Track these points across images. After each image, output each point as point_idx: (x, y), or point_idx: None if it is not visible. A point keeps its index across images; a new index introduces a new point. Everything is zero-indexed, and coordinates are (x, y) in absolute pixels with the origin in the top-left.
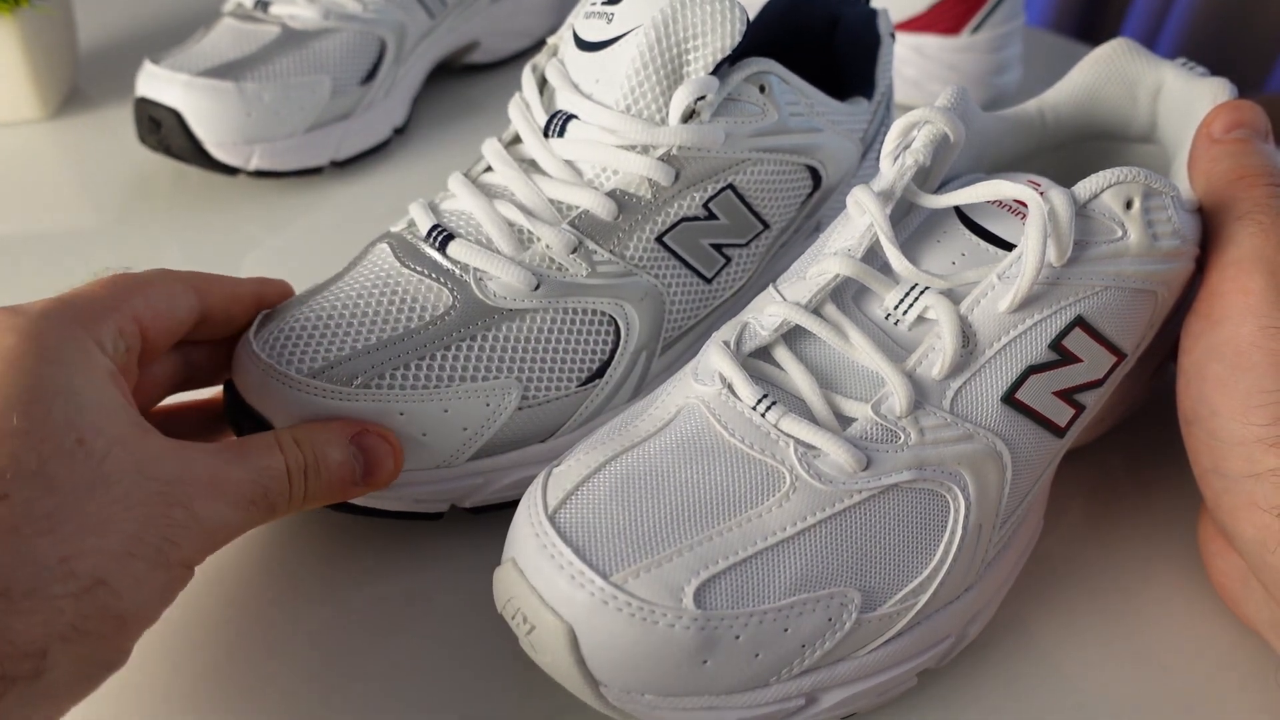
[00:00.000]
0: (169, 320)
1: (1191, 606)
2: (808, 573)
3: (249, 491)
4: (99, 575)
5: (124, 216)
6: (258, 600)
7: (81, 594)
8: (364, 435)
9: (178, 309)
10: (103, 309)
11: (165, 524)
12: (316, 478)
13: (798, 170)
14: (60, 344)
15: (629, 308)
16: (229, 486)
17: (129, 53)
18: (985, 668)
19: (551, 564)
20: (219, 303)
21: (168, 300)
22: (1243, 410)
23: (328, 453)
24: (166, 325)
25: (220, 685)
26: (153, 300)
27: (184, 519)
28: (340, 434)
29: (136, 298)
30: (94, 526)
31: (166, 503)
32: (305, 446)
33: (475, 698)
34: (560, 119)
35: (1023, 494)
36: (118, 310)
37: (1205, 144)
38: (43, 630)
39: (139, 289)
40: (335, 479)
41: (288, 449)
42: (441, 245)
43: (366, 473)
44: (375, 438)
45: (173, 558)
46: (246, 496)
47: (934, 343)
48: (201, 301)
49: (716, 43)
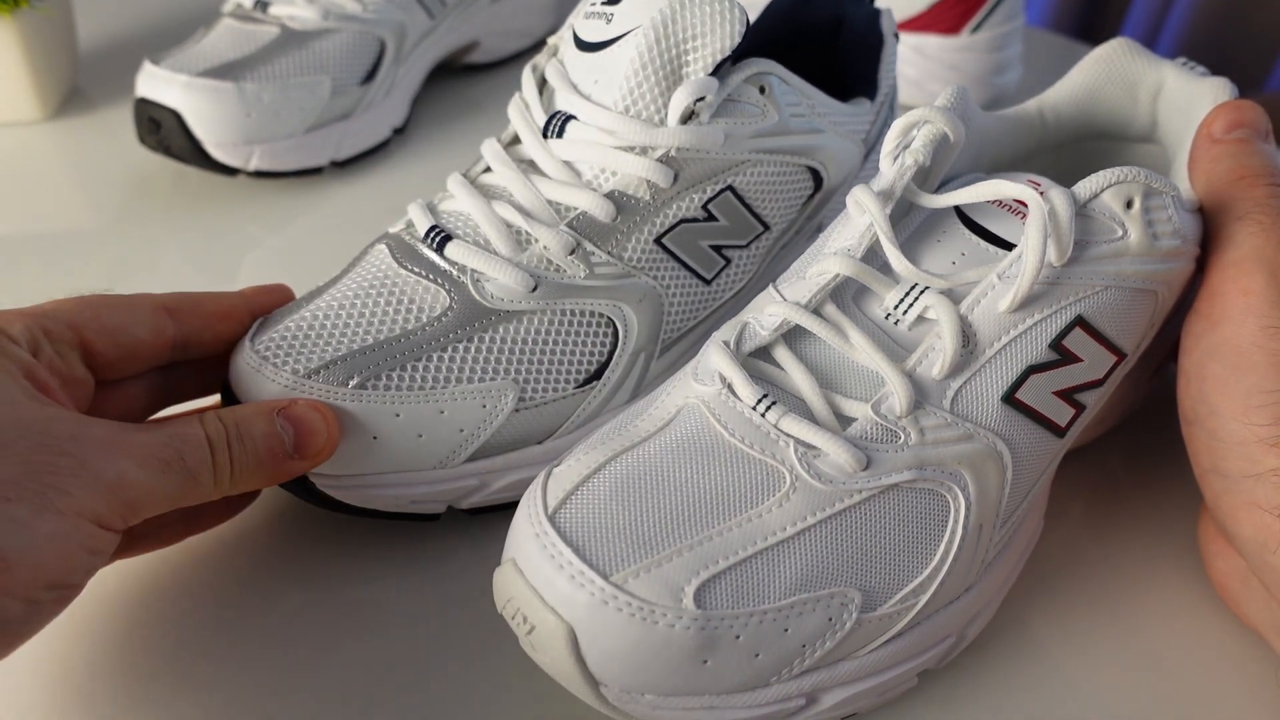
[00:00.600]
0: (121, 336)
1: (1191, 606)
2: (808, 573)
3: (159, 452)
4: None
5: (124, 217)
6: (255, 602)
7: None
8: (291, 406)
9: (134, 327)
10: (22, 314)
11: (49, 471)
12: (241, 448)
13: (798, 171)
14: None
15: (627, 309)
16: (132, 446)
17: (129, 53)
18: (985, 668)
19: (551, 564)
20: (202, 322)
21: (119, 317)
22: (1243, 410)
23: (251, 423)
24: (119, 341)
25: (217, 687)
26: (99, 314)
27: (72, 467)
28: (265, 407)
29: (81, 312)
30: None
31: (52, 453)
32: (226, 418)
33: (475, 698)
34: (559, 120)
35: (1023, 494)
36: (45, 316)
37: (1206, 144)
38: None
39: (86, 305)
40: (263, 449)
41: (207, 421)
42: (439, 246)
43: (298, 444)
44: (303, 407)
45: (64, 505)
46: (157, 457)
47: (934, 342)
48: (176, 322)
49: (716, 43)
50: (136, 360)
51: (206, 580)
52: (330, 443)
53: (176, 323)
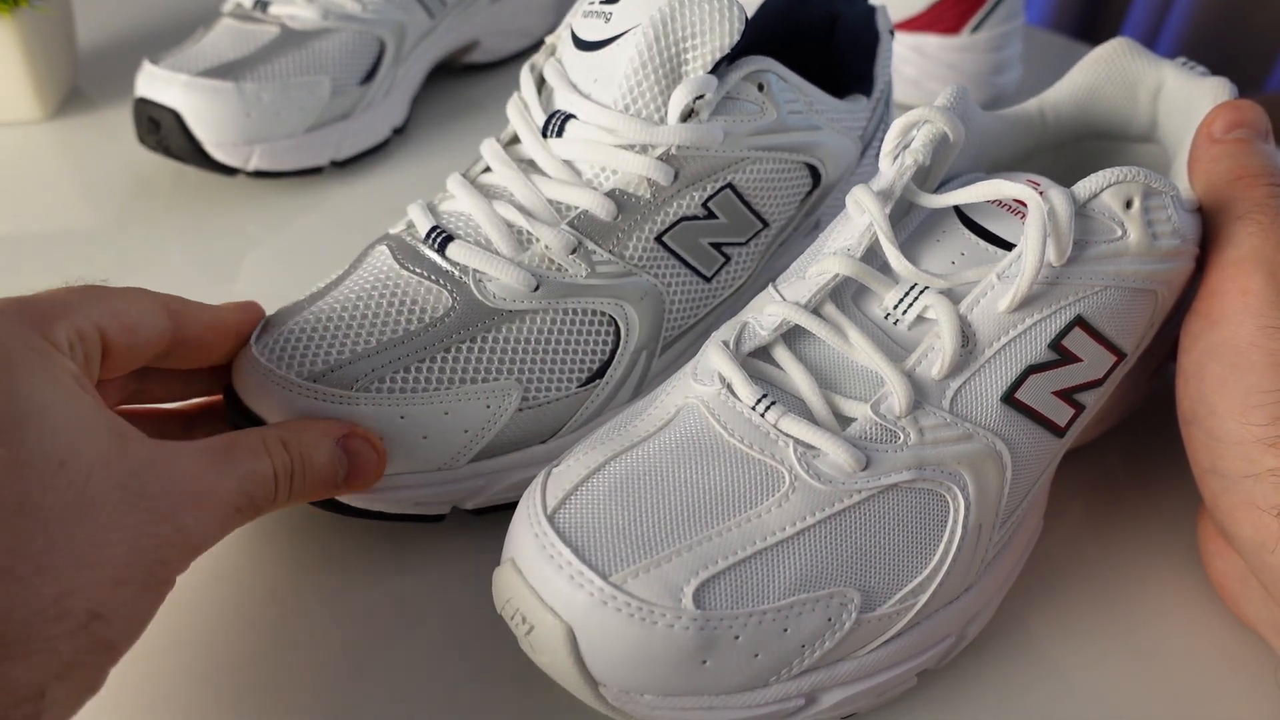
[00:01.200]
0: (135, 336)
1: (1191, 606)
2: (807, 573)
3: (234, 500)
4: (93, 609)
5: (123, 217)
6: (258, 602)
7: (77, 631)
8: (350, 439)
9: (146, 326)
10: (60, 309)
11: (153, 544)
12: (301, 479)
13: (797, 168)
14: (19, 350)
15: (629, 308)
16: (214, 498)
17: (128, 53)
18: (985, 668)
19: (550, 564)
20: (195, 329)
21: (133, 313)
22: (1241, 410)
23: (314, 455)
24: (132, 341)
25: (221, 687)
26: (119, 311)
27: (170, 535)
28: (327, 435)
29: (103, 305)
30: (86, 559)
31: (154, 521)
32: (292, 449)
33: (475, 698)
34: (559, 119)
35: (1022, 494)
36: (78, 313)
37: (1205, 143)
38: (40, 673)
39: (107, 298)
40: (318, 480)
41: (275, 453)
42: (440, 247)
43: (349, 476)
44: (361, 442)
45: (161, 577)
46: (232, 505)
47: (933, 342)
48: (174, 325)
49: (715, 41)
50: (135, 360)
51: (208, 580)
52: (377, 478)
53: (174, 328)
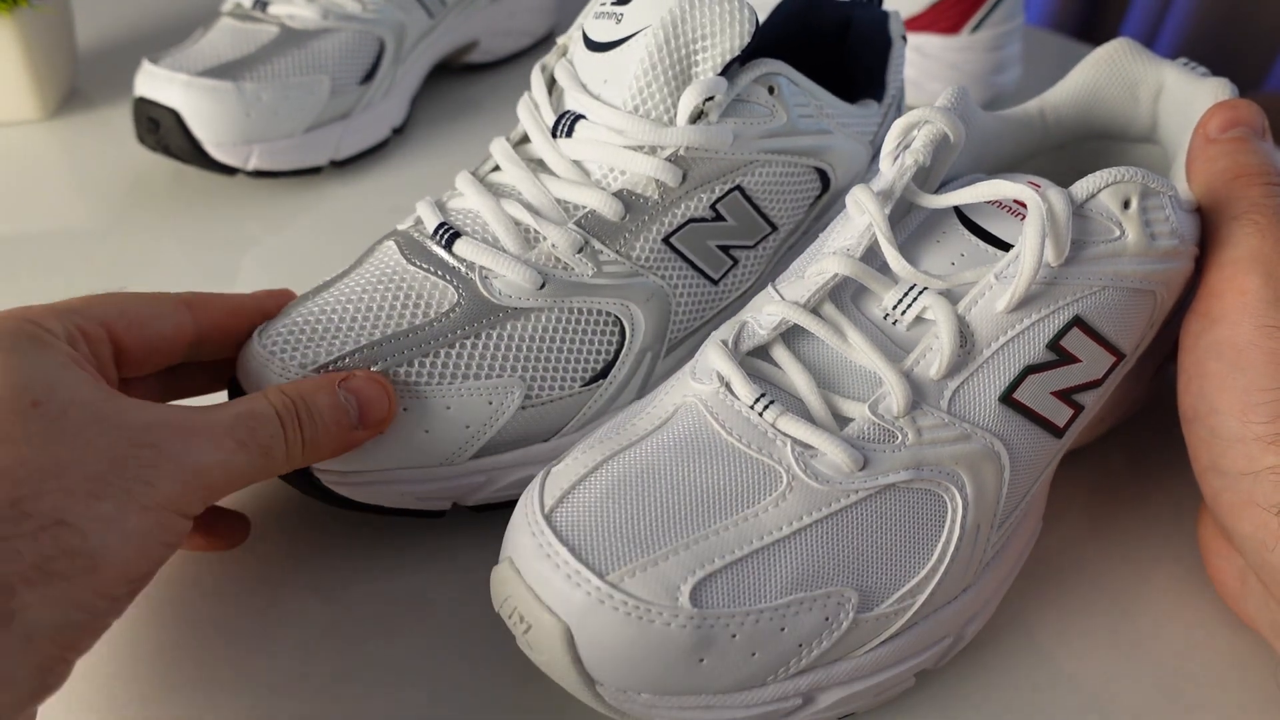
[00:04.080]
0: (147, 332)
1: (1191, 606)
2: (805, 572)
3: (232, 430)
4: (57, 516)
5: (123, 216)
6: (257, 596)
7: (38, 533)
8: (350, 378)
9: (159, 323)
10: (56, 311)
11: (133, 464)
12: (310, 421)
13: (806, 172)
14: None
15: (634, 308)
16: (206, 428)
17: (128, 53)
18: (983, 668)
19: (548, 563)
20: (217, 318)
21: (145, 312)
22: (1242, 408)
23: (316, 396)
24: (146, 336)
25: (219, 680)
26: (128, 311)
27: (154, 458)
28: (326, 380)
29: (109, 307)
30: (51, 470)
31: (133, 445)
32: (290, 391)
33: (473, 696)
34: (568, 119)
35: (1021, 494)
36: (78, 314)
37: (1202, 143)
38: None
39: (112, 300)
40: (330, 422)
41: (273, 395)
42: (448, 243)
43: (362, 415)
44: (362, 379)
45: (149, 499)
46: (231, 436)
47: (932, 343)
48: (195, 318)
49: (726, 43)
50: (159, 357)
51: (210, 575)
52: (390, 412)
53: (195, 320)
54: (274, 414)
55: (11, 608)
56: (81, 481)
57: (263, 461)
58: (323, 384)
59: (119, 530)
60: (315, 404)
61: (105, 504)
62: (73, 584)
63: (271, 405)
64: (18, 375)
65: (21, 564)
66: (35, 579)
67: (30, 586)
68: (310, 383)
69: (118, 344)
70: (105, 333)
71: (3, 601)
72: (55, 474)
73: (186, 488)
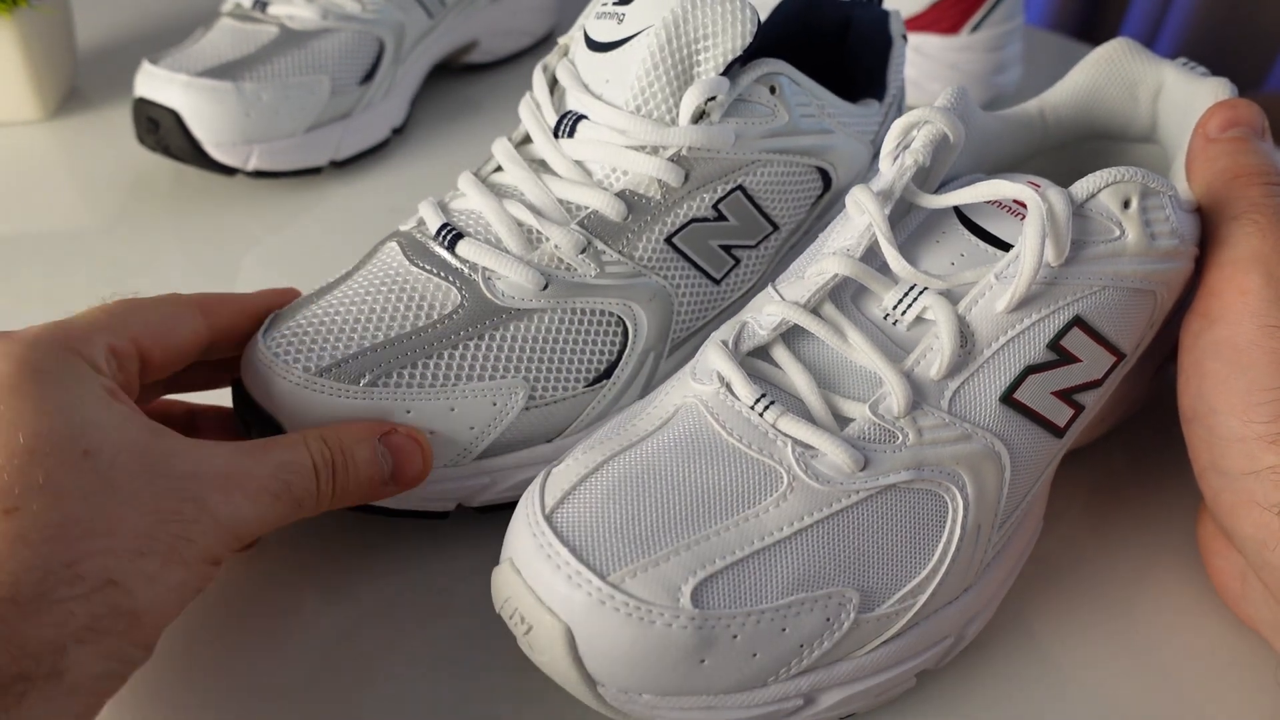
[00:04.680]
0: (170, 341)
1: (1191, 606)
2: (805, 573)
3: (270, 485)
4: (108, 576)
5: (123, 217)
6: (261, 597)
7: (90, 594)
8: (392, 435)
9: (180, 331)
10: (93, 331)
11: (177, 520)
12: (345, 475)
13: (808, 172)
14: (52, 365)
15: (637, 308)
16: (246, 481)
17: (128, 53)
18: (984, 668)
19: (549, 564)
20: (228, 320)
21: (169, 322)
22: (1242, 408)
23: (355, 450)
24: (168, 345)
25: (223, 681)
26: (152, 322)
27: (195, 514)
28: (367, 432)
29: (134, 319)
30: (102, 529)
31: (178, 499)
32: (331, 443)
33: (475, 696)
34: (570, 119)
35: (1021, 494)
36: (110, 331)
37: (1201, 143)
38: (55, 632)
39: (137, 311)
40: (364, 477)
41: (313, 445)
42: (450, 244)
43: (396, 472)
44: (403, 437)
45: (188, 554)
46: (268, 490)
47: (932, 343)
48: (209, 321)
49: (727, 43)
50: (176, 364)
51: None
52: (425, 472)
53: (209, 324)
54: (312, 467)
55: (63, 666)
56: (130, 539)
57: (294, 512)
58: (363, 435)
59: (161, 585)
60: (353, 457)
61: (150, 561)
62: (117, 639)
63: (311, 457)
64: (68, 418)
65: (75, 625)
66: (85, 638)
67: (80, 645)
68: (352, 433)
69: (143, 356)
70: (135, 349)
71: (55, 660)
72: (105, 533)
73: (222, 542)
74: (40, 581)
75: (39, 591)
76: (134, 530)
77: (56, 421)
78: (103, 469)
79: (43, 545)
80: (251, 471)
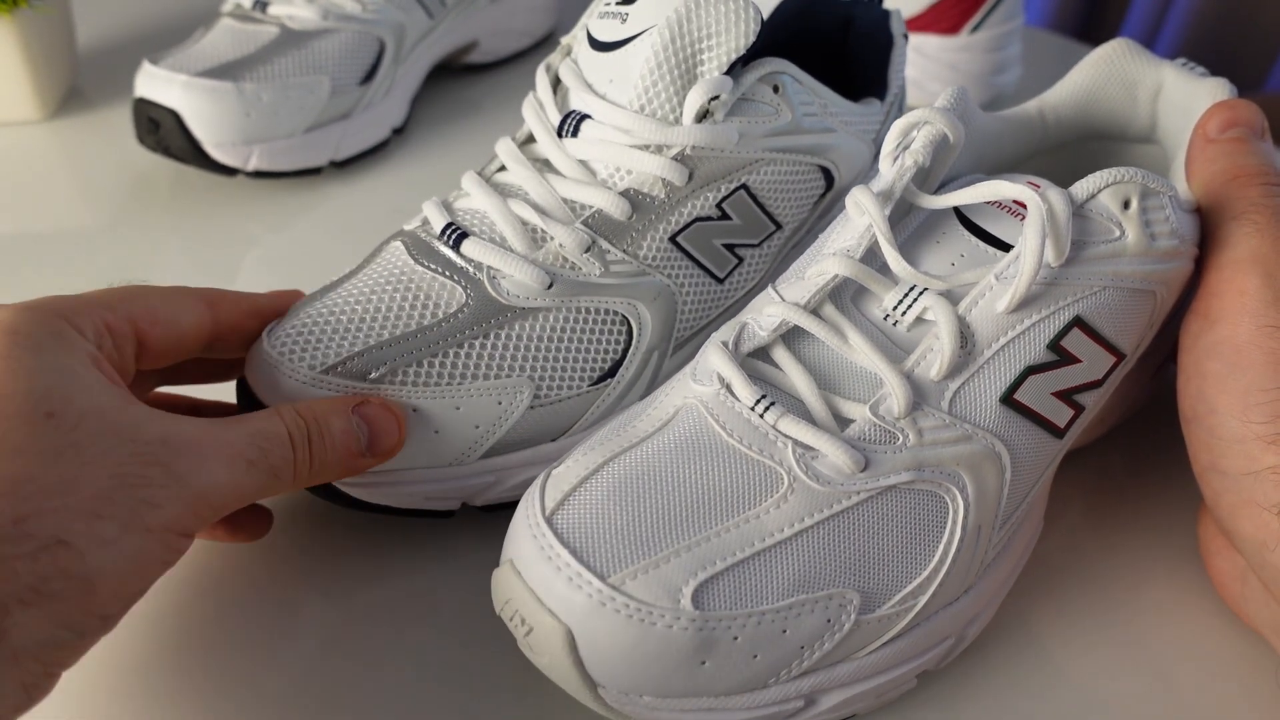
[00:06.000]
0: (171, 329)
1: (1192, 606)
2: (806, 574)
3: (245, 451)
4: (58, 535)
5: (123, 217)
6: (264, 596)
7: (37, 553)
8: (365, 404)
9: (182, 320)
10: (90, 305)
11: (140, 484)
12: (321, 445)
13: (811, 171)
14: (36, 331)
15: (641, 307)
16: (220, 447)
17: (128, 53)
18: (985, 669)
19: (549, 566)
20: (234, 317)
21: (171, 309)
22: (1242, 408)
23: (330, 420)
24: (168, 333)
25: (224, 681)
26: (154, 307)
27: (162, 478)
28: (341, 404)
29: (136, 302)
30: (57, 488)
31: (143, 462)
32: (306, 414)
33: (476, 698)
34: (574, 119)
35: (1022, 495)
36: (108, 308)
37: (1201, 144)
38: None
39: (141, 295)
40: (340, 447)
41: (288, 417)
42: (455, 243)
43: (371, 442)
44: (377, 406)
45: (152, 520)
46: (243, 456)
47: (932, 344)
48: (213, 314)
49: (731, 43)
50: (176, 353)
51: (218, 575)
52: (400, 442)
53: (215, 319)
54: (287, 435)
55: (4, 627)
56: (86, 500)
57: (271, 483)
58: (337, 407)
59: (118, 551)
60: (328, 427)
61: (108, 524)
62: (66, 604)
63: (285, 426)
64: (35, 381)
65: (18, 584)
66: (30, 599)
67: (24, 607)
68: (324, 404)
69: (141, 340)
70: (132, 329)
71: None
72: (60, 492)
73: (191, 509)
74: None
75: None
76: (92, 492)
77: (22, 383)
78: (65, 430)
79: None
80: (224, 438)
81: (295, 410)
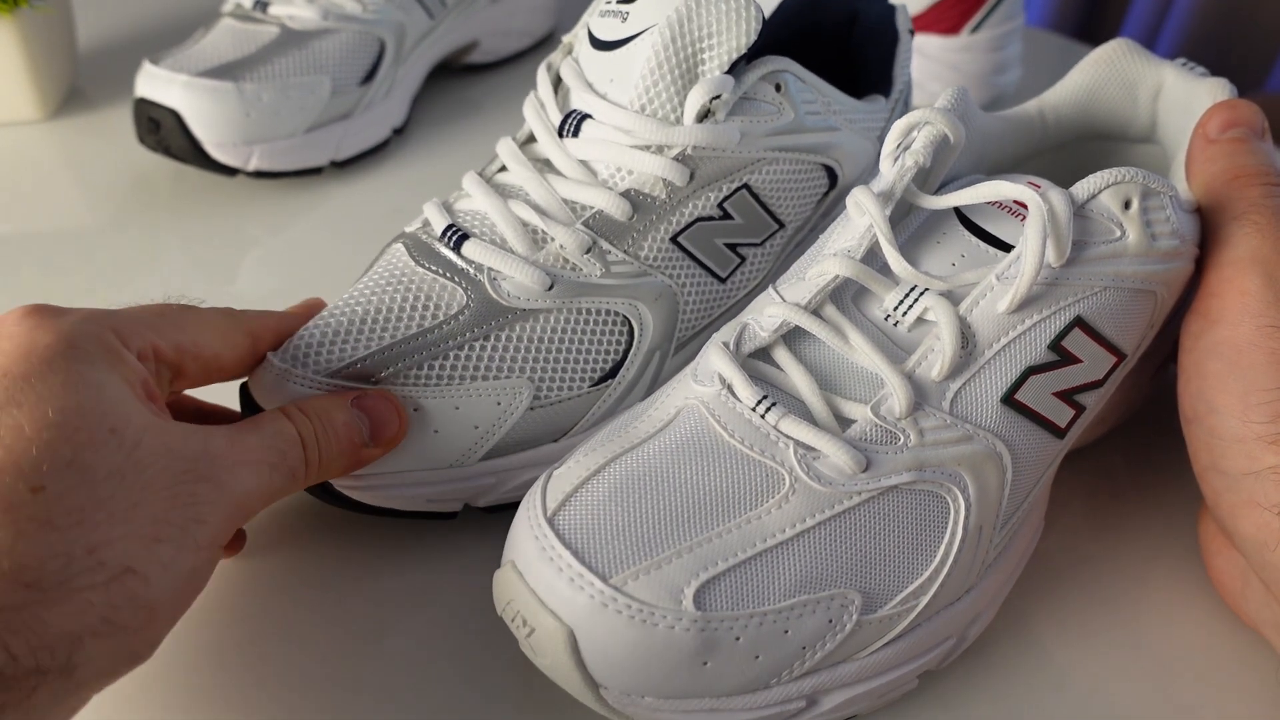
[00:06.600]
0: (211, 363)
1: (1192, 606)
2: (808, 574)
3: (267, 456)
4: (126, 563)
5: (123, 217)
6: (265, 598)
7: (110, 583)
8: (363, 396)
9: (225, 356)
10: (141, 325)
11: (191, 501)
12: (327, 440)
13: (814, 169)
14: (93, 346)
15: (643, 308)
16: (247, 454)
17: (128, 53)
18: (986, 669)
19: (550, 566)
20: (270, 346)
21: (215, 344)
22: (1242, 408)
23: (332, 415)
24: (208, 367)
25: (226, 681)
26: (199, 341)
27: (210, 494)
28: (340, 398)
29: (185, 333)
30: (121, 514)
31: (193, 479)
32: (309, 411)
33: (477, 699)
34: (575, 119)
35: (1023, 495)
36: (158, 332)
37: (1201, 144)
38: (74, 624)
39: (189, 324)
40: (344, 440)
41: (294, 416)
42: (456, 245)
43: (374, 432)
44: (375, 397)
45: (201, 537)
46: (265, 461)
47: (933, 344)
48: (253, 348)
49: (732, 41)
50: (208, 382)
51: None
52: (401, 430)
53: (252, 349)
54: (298, 437)
55: (76, 661)
56: (147, 524)
57: (289, 484)
58: (337, 401)
59: (176, 573)
60: (331, 422)
61: (165, 546)
62: (133, 634)
63: (295, 426)
64: (99, 395)
65: (92, 617)
66: (102, 631)
67: (96, 639)
68: (325, 400)
69: (180, 369)
70: (174, 357)
71: (70, 653)
72: (125, 517)
73: (230, 520)
74: (64, 569)
75: (61, 579)
76: (150, 514)
77: (87, 398)
78: (127, 448)
79: (69, 530)
80: (247, 444)
81: (300, 409)
